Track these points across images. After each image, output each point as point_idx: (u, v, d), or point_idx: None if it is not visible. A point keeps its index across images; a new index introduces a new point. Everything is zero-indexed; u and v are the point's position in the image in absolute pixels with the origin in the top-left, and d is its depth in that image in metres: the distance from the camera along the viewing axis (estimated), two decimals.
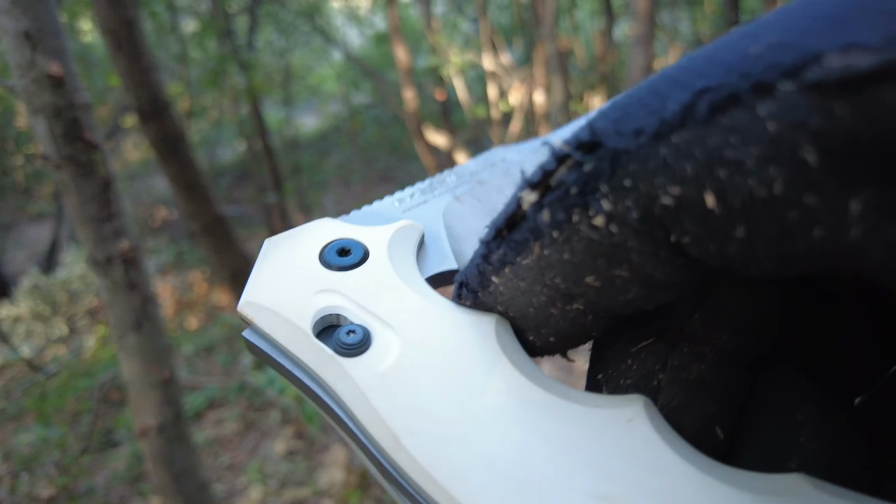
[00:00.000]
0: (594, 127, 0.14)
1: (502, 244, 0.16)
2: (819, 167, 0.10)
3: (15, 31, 1.40)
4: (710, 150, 0.11)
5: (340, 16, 11.87)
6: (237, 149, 11.78)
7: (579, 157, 0.14)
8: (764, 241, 0.12)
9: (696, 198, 0.12)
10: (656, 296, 0.15)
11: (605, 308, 0.16)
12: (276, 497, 1.84)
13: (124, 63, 2.16)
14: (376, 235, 0.20)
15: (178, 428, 1.53)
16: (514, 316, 0.17)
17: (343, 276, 0.19)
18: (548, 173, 0.15)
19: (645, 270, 0.14)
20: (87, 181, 1.53)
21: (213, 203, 2.65)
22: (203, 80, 6.34)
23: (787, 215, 0.11)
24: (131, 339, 1.66)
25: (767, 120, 0.10)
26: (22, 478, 2.42)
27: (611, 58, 8.03)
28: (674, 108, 0.12)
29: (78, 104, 1.49)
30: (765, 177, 0.11)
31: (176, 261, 5.12)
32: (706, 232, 0.12)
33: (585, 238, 0.14)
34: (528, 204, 0.15)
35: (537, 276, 0.16)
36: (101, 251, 1.59)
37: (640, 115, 0.13)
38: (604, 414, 0.15)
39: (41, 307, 4.62)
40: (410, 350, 0.17)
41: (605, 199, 0.13)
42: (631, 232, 0.13)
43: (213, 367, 3.23)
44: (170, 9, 5.40)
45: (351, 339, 0.17)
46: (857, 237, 0.10)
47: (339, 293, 0.19)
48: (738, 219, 0.11)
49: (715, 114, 0.11)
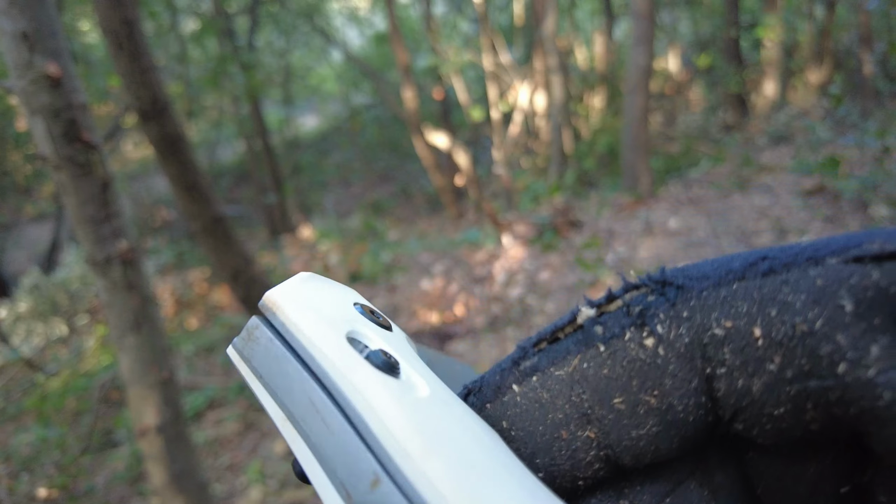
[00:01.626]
0: (665, 272, 0.17)
1: (539, 353, 0.17)
2: (852, 312, 0.13)
3: (13, 32, 1.40)
4: (765, 294, 0.14)
5: (340, 16, 11.88)
6: (237, 149, 11.79)
7: (650, 285, 0.17)
8: (792, 374, 0.14)
9: (745, 330, 0.14)
10: (663, 439, 0.16)
11: (613, 442, 0.16)
12: (275, 497, 1.84)
13: (125, 63, 2.16)
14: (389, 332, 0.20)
15: (177, 428, 1.53)
16: (515, 435, 0.17)
17: (374, 326, 0.19)
18: (613, 297, 0.17)
19: (671, 400, 0.16)
20: (85, 182, 1.52)
21: (213, 203, 2.65)
22: (203, 80, 6.34)
23: (820, 348, 0.13)
24: (130, 340, 1.66)
25: (816, 277, 0.14)
26: (21, 478, 2.42)
27: (611, 58, 8.03)
28: (738, 265, 0.15)
29: (76, 104, 1.49)
30: (808, 315, 0.14)
31: (176, 261, 5.12)
32: (742, 363, 0.15)
33: (630, 356, 0.16)
34: (584, 317, 0.17)
35: (565, 389, 0.17)
36: (100, 251, 1.59)
37: (707, 268, 0.16)
38: None
39: (41, 307, 4.62)
40: (438, 400, 0.16)
41: (661, 324, 0.16)
42: (675, 356, 0.15)
43: (212, 368, 3.23)
44: (169, 8, 5.40)
45: (383, 359, 0.16)
46: (873, 375, 0.13)
47: (370, 332, 0.18)
48: (776, 350, 0.14)
49: (773, 272, 0.15)
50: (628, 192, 4.49)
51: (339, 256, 4.60)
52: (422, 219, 7.76)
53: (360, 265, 4.29)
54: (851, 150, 3.89)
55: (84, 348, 3.83)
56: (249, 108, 7.35)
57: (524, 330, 2.81)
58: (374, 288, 3.84)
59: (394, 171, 11.36)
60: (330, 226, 6.60)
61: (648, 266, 3.14)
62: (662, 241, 3.48)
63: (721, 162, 5.29)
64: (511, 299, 3.17)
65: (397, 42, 6.04)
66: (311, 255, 4.99)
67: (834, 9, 7.22)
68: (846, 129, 4.81)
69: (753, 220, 3.51)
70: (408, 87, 6.09)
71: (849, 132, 4.51)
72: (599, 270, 3.22)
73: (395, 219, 7.71)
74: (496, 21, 9.79)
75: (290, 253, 5.34)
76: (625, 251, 3.45)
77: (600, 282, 3.13)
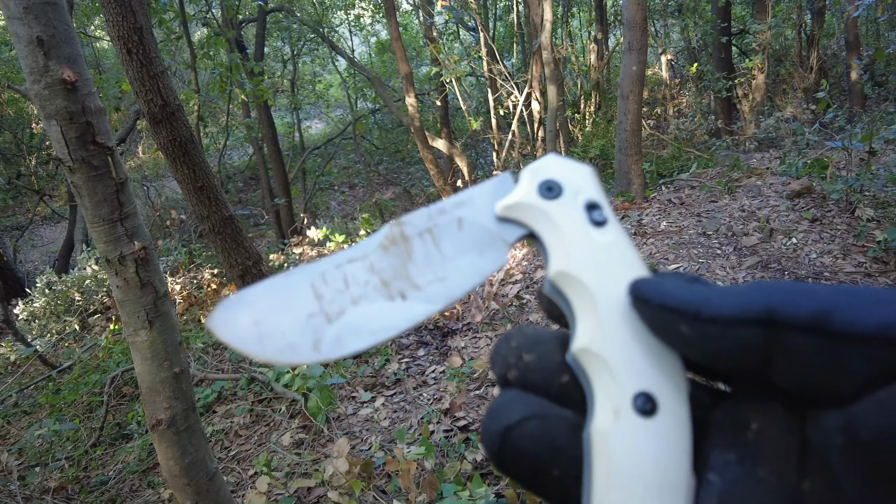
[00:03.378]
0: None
1: None
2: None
3: (28, 38, 1.46)
4: None
5: (345, 24, 11.98)
6: (247, 152, 11.89)
7: None
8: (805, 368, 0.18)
9: None
10: None
11: None
12: (282, 488, 1.89)
13: (135, 69, 2.22)
14: None
15: (188, 421, 1.57)
16: None
17: None
18: None
19: None
20: (100, 183, 1.58)
21: (222, 204, 2.71)
22: (213, 87, 6.44)
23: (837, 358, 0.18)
24: (143, 336, 1.72)
25: None
26: (35, 471, 2.49)
27: (604, 65, 8.07)
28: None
29: (90, 109, 1.55)
30: None
31: (187, 260, 5.20)
32: None
33: None
34: None
35: None
36: (114, 251, 1.65)
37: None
38: None
39: (55, 305, 4.72)
40: None
41: None
42: None
43: (222, 362, 3.30)
44: (178, 17, 5.48)
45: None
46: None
47: None
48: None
49: None
50: (621, 194, 4.54)
51: None
52: None
53: None
54: (838, 154, 3.90)
55: (97, 344, 3.91)
56: (258, 114, 7.44)
57: None
58: None
59: (396, 174, 11.44)
60: (335, 226, 6.66)
61: None
62: (654, 241, 3.52)
63: (710, 165, 5.32)
64: (508, 297, 3.22)
65: (399, 50, 6.10)
66: (317, 254, 5.06)
67: (822, 16, 7.22)
68: (833, 132, 4.83)
69: (742, 222, 3.54)
70: (410, 94, 6.16)
71: (836, 136, 4.52)
72: None
73: None
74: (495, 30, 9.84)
75: (296, 252, 5.41)
76: None
77: None
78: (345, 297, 0.25)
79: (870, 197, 3.31)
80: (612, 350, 0.22)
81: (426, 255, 0.25)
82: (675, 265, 3.17)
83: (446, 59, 6.68)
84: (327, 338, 0.24)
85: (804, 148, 4.42)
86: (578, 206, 0.25)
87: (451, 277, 0.25)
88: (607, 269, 0.23)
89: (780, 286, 0.19)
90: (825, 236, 3.16)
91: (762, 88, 7.18)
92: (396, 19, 6.12)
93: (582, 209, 0.25)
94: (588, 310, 0.23)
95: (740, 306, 0.19)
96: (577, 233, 0.24)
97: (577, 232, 0.24)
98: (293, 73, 10.02)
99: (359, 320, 0.24)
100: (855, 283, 2.68)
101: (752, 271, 2.99)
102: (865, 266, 2.82)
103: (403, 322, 0.24)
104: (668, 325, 0.21)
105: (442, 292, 0.25)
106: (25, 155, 8.38)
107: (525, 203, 0.25)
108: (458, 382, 2.42)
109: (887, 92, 6.97)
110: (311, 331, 0.24)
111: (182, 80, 8.98)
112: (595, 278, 0.23)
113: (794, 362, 0.18)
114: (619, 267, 0.23)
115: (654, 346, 0.22)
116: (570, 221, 0.24)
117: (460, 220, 0.26)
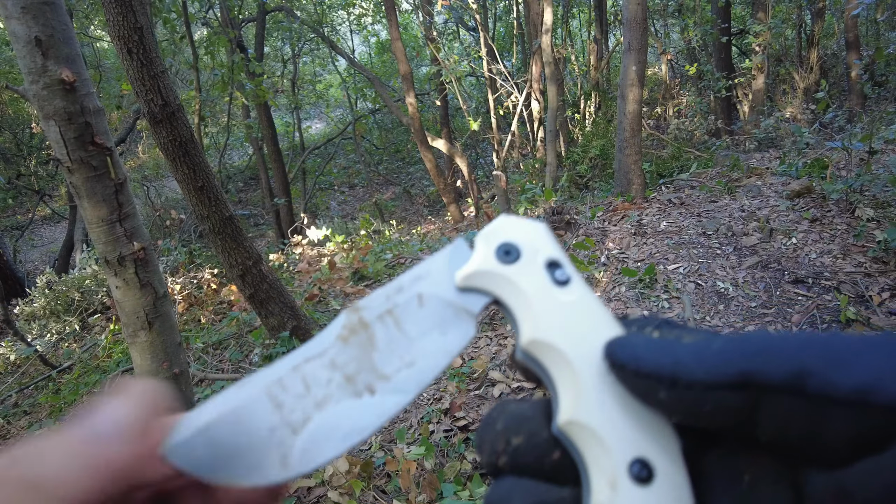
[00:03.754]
0: None
1: None
2: None
3: (26, 37, 1.45)
4: None
5: (346, 24, 11.98)
6: (247, 152, 11.89)
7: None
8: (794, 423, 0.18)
9: None
10: None
11: None
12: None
13: (135, 69, 2.22)
14: None
15: None
16: None
17: None
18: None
19: None
20: (99, 184, 1.58)
21: (222, 204, 2.71)
22: (214, 87, 6.45)
23: (821, 421, 0.18)
24: (142, 337, 1.71)
25: None
26: None
27: (604, 65, 8.07)
28: None
29: (89, 109, 1.55)
30: None
31: (187, 260, 5.20)
32: None
33: None
34: None
35: None
36: (113, 251, 1.65)
37: None
38: None
39: (55, 305, 4.72)
40: None
41: None
42: None
43: (222, 362, 3.30)
44: (181, 16, 5.49)
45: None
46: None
47: None
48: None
49: None
50: (621, 194, 4.54)
51: (344, 255, 4.67)
52: (423, 219, 7.85)
53: (364, 264, 4.35)
54: (838, 154, 3.90)
55: (97, 344, 3.91)
56: (258, 114, 7.45)
57: None
58: (378, 286, 3.90)
59: (396, 174, 11.44)
60: (335, 226, 6.66)
61: (639, 265, 3.18)
62: (653, 240, 3.52)
63: (710, 165, 5.33)
64: None
65: (399, 50, 6.10)
66: (317, 254, 5.06)
67: (822, 16, 7.23)
68: (833, 132, 4.83)
69: (742, 222, 3.54)
70: (410, 94, 6.16)
71: (835, 136, 4.52)
72: (593, 269, 3.28)
73: (398, 220, 7.78)
74: (494, 30, 9.84)
75: (297, 252, 5.41)
76: (617, 250, 3.50)
77: (594, 280, 3.18)
78: (307, 401, 0.23)
79: (870, 197, 3.31)
80: (599, 419, 0.21)
81: (389, 339, 0.24)
82: (675, 265, 3.17)
83: (446, 59, 6.69)
84: (295, 451, 0.22)
85: (804, 148, 4.43)
86: (539, 267, 0.24)
87: (419, 361, 0.24)
88: (579, 330, 0.23)
89: (754, 341, 0.19)
90: (825, 236, 3.16)
91: (762, 88, 7.18)
92: (396, 19, 6.12)
93: (543, 270, 0.24)
94: (566, 376, 0.22)
95: (716, 370, 0.19)
96: (543, 296, 0.23)
97: (543, 295, 0.24)
98: (293, 73, 10.03)
99: (327, 426, 0.22)
100: (855, 283, 2.68)
101: (752, 271, 2.99)
102: (865, 266, 2.82)
103: (376, 420, 0.22)
104: (647, 390, 0.20)
105: (412, 378, 0.23)
106: (25, 155, 8.39)
107: (484, 270, 0.24)
108: (458, 382, 2.42)
109: (887, 92, 6.98)
110: (276, 446, 0.22)
111: (183, 79, 8.98)
112: (568, 342, 0.23)
113: (776, 423, 0.18)
114: (591, 327, 0.23)
115: (639, 409, 0.21)
116: (534, 285, 0.24)
117: (420, 297, 0.25)
